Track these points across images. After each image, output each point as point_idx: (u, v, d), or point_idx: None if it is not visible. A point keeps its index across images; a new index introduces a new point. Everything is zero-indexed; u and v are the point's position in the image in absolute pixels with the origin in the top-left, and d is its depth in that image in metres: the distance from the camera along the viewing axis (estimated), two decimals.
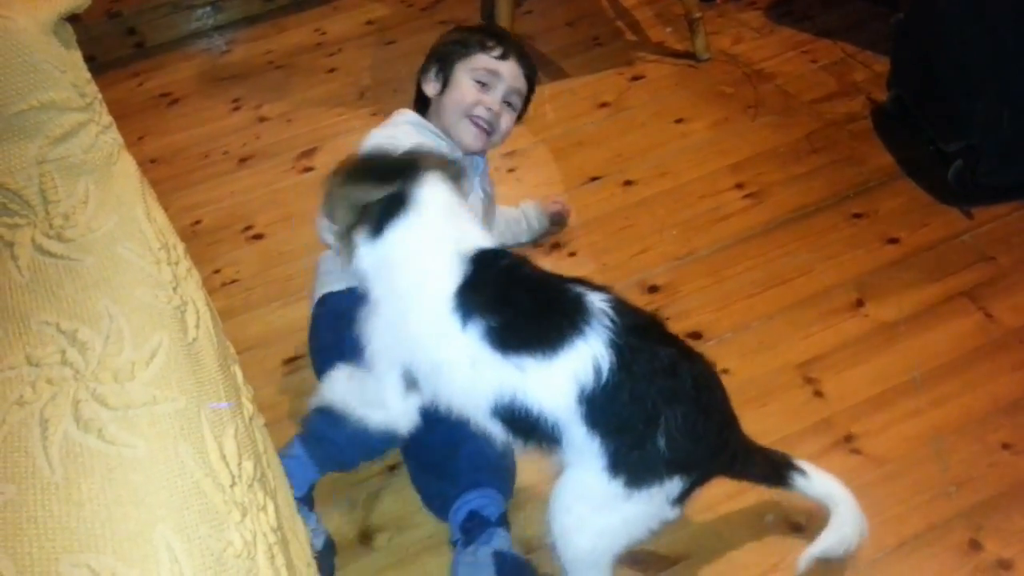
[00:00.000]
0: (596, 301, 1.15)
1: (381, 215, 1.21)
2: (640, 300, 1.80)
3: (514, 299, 1.16)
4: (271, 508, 0.90)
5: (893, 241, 1.86)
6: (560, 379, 1.12)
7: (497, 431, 1.20)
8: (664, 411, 1.12)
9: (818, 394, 1.57)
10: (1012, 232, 1.84)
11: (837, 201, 1.97)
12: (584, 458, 1.15)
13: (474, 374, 1.15)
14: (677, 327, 1.73)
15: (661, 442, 1.12)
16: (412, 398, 1.26)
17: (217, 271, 2.01)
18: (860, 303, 1.73)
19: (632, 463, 1.14)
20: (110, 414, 0.82)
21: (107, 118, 1.18)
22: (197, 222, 2.18)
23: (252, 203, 2.21)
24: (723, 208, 1.99)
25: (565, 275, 1.22)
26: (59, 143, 1.09)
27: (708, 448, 1.18)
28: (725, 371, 1.64)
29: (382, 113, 2.45)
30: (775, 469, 1.27)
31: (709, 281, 1.83)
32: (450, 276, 1.16)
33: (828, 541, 1.23)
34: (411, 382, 1.25)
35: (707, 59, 2.44)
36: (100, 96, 1.17)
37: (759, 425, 1.52)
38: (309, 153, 2.34)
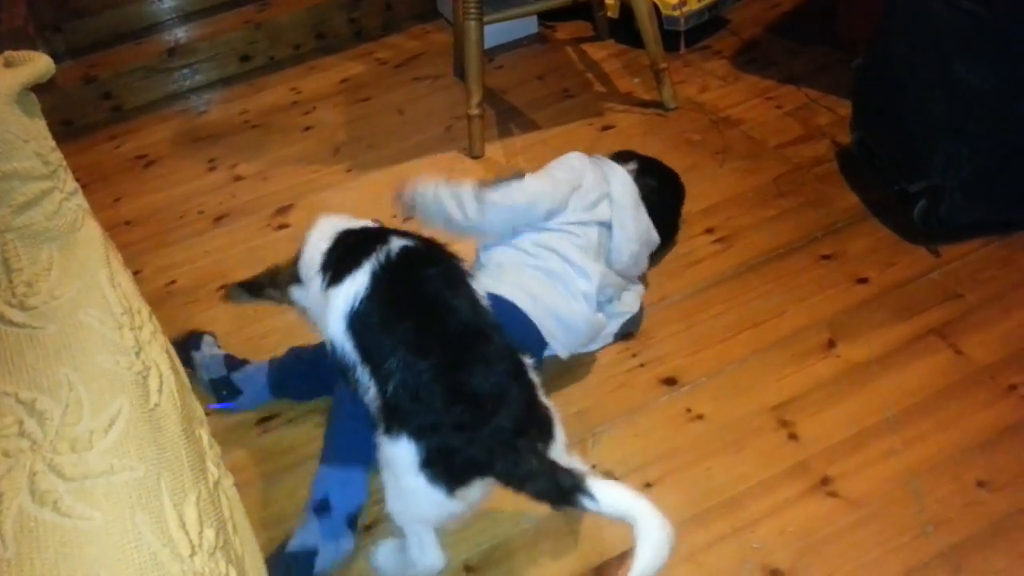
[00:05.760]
0: (395, 244, 1.27)
1: None
2: (614, 347, 1.80)
3: (345, 251, 1.33)
4: None
5: (862, 281, 1.88)
6: (336, 306, 1.26)
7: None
8: (393, 357, 1.17)
9: (793, 437, 1.57)
10: (978, 268, 1.87)
11: (806, 243, 1.99)
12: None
13: (321, 313, 1.33)
14: (652, 373, 1.74)
15: (389, 388, 1.18)
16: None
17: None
18: (832, 344, 1.74)
19: (381, 407, 1.21)
20: (66, 485, 0.81)
21: (72, 184, 1.19)
22: (172, 282, 2.17)
23: (227, 261, 2.22)
24: (694, 253, 2.01)
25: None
26: (22, 211, 1.09)
27: (434, 414, 1.14)
28: (700, 416, 1.64)
29: (357, 169, 2.48)
30: (560, 489, 1.13)
31: (682, 326, 1.84)
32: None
33: (641, 563, 1.08)
34: None
35: (674, 108, 2.49)
36: (65, 163, 1.18)
37: (736, 470, 1.53)
38: (285, 210, 2.36)
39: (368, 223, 1.46)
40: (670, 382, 1.72)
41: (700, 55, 2.74)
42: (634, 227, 1.76)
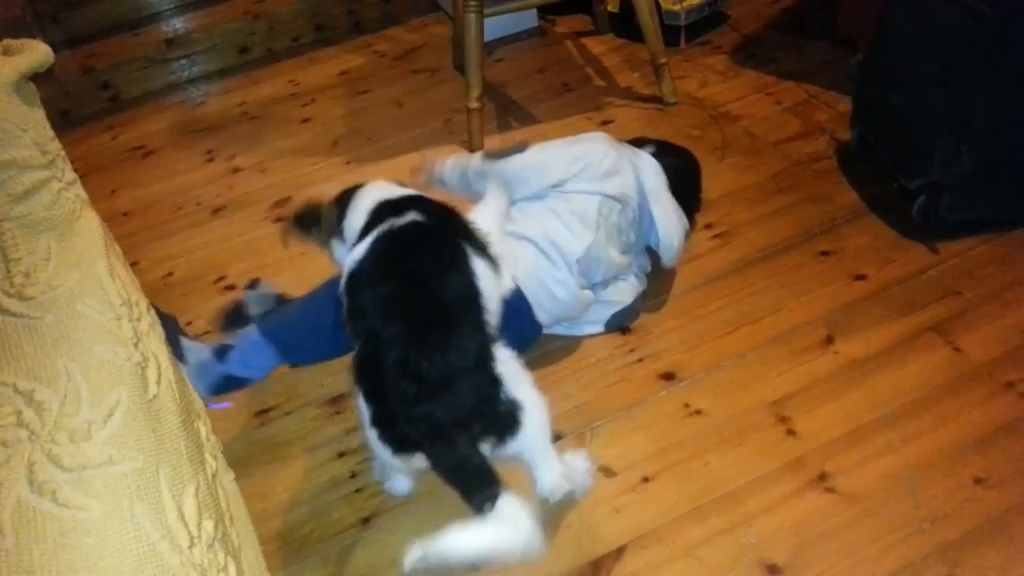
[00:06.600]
0: (408, 217, 1.35)
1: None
2: (612, 342, 1.80)
3: (372, 221, 1.41)
4: (232, 568, 0.89)
5: (861, 278, 1.88)
6: (347, 265, 1.36)
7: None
8: (365, 318, 1.26)
9: (791, 432, 1.57)
10: (977, 266, 1.87)
11: (805, 239, 1.99)
12: None
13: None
14: (651, 368, 1.74)
15: (358, 345, 1.28)
16: None
17: (188, 323, 2.00)
18: (830, 340, 1.74)
19: (356, 361, 1.30)
20: (65, 476, 0.81)
21: (70, 174, 1.18)
22: (169, 274, 2.17)
23: (225, 254, 2.21)
24: (693, 248, 2.01)
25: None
26: (20, 201, 1.09)
27: (380, 379, 1.21)
28: (699, 411, 1.64)
29: (356, 161, 2.47)
30: (473, 497, 1.15)
31: (681, 321, 1.83)
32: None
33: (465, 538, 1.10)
34: None
35: (674, 103, 2.49)
36: (63, 153, 1.18)
37: (734, 466, 1.53)
38: (283, 203, 2.35)
39: (410, 191, 1.52)
40: (668, 377, 1.72)
41: (700, 50, 2.74)
42: (676, 214, 1.80)
